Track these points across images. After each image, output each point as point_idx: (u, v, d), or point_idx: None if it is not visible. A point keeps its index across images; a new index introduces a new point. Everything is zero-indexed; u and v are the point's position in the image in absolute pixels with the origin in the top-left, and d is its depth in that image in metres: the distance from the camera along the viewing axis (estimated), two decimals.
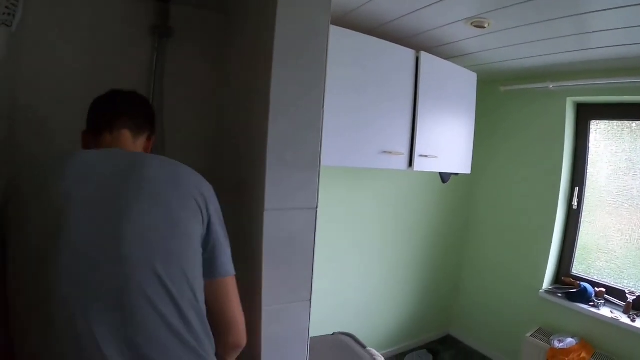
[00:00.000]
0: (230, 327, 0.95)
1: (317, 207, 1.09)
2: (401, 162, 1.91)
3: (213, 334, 0.87)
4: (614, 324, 2.06)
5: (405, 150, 1.92)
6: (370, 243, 2.46)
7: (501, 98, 2.68)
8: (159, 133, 1.41)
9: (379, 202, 2.46)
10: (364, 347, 1.74)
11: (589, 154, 2.43)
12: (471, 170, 2.29)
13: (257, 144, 1.07)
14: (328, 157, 1.60)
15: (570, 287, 2.35)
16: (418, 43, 2.00)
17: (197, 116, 1.52)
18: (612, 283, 2.28)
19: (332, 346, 1.76)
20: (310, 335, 1.88)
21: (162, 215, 0.77)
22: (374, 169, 2.30)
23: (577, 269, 2.48)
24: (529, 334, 2.32)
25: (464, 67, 2.19)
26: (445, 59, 2.08)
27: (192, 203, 0.82)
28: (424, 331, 2.85)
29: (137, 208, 0.75)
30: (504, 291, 2.68)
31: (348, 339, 1.83)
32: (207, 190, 0.88)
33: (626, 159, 2.28)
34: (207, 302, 0.87)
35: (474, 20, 1.67)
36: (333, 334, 1.92)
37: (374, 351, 1.67)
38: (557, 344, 2.14)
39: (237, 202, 1.18)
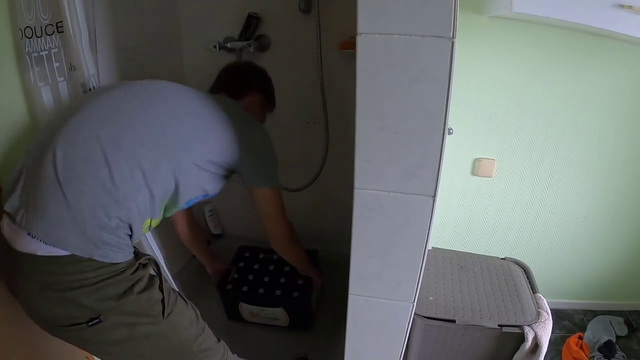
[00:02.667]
0: (268, 234, 1.23)
1: (453, 38, 0.64)
2: None
3: None
4: None
5: None
6: (584, 159, 1.74)
7: None
8: None
9: (604, 100, 1.61)
10: (533, 290, 1.39)
11: None
12: None
13: None
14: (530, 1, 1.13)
15: None
16: None
17: None
18: None
19: (493, 272, 1.47)
20: (478, 253, 1.63)
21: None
22: (599, 44, 1.48)
23: None
24: None
25: None
26: None
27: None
28: (628, 295, 2.11)
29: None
30: None
31: (518, 272, 1.50)
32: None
33: None
34: None
35: None
36: (504, 258, 1.60)
37: (544, 302, 1.30)
38: None
39: None
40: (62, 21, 1.10)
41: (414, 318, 0.98)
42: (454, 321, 1.22)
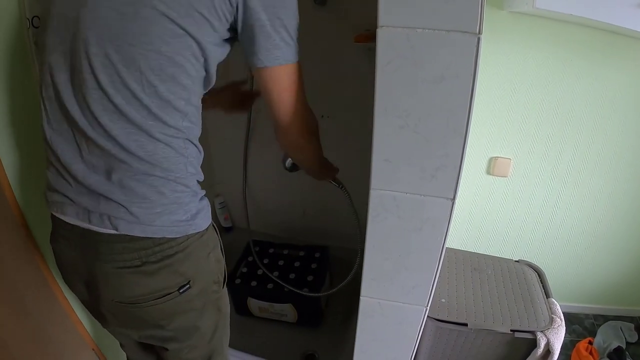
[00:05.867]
0: (287, 127, 0.83)
1: (479, 33, 0.60)
2: None
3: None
4: None
5: None
6: (602, 161, 1.68)
7: None
8: None
9: (625, 100, 1.55)
10: (547, 294, 1.35)
11: None
12: None
13: None
14: None
15: None
16: None
17: None
18: None
19: (506, 275, 1.45)
20: (491, 254, 1.61)
21: None
22: (621, 43, 1.43)
23: None
24: None
25: None
26: None
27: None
28: (639, 301, 2.11)
29: None
30: None
31: (532, 275, 1.47)
32: None
33: None
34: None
35: None
36: (518, 261, 1.57)
37: (557, 308, 1.27)
38: None
39: None
40: None
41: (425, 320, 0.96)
42: (466, 325, 1.20)
